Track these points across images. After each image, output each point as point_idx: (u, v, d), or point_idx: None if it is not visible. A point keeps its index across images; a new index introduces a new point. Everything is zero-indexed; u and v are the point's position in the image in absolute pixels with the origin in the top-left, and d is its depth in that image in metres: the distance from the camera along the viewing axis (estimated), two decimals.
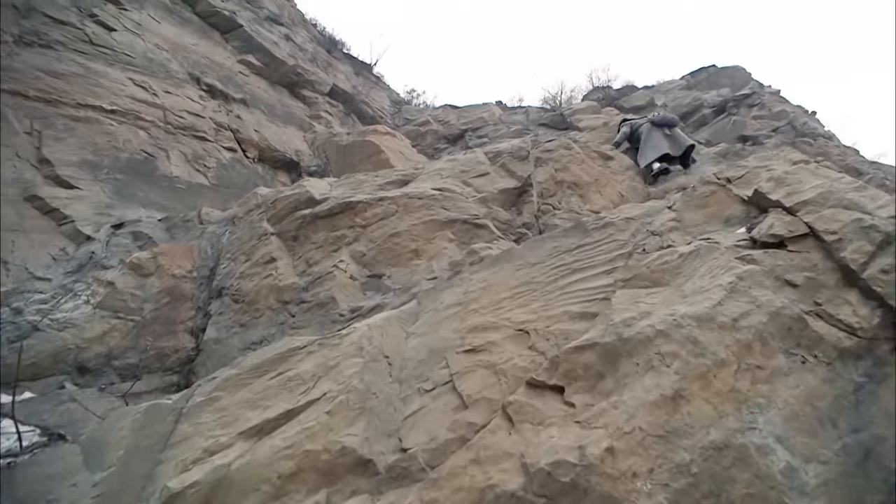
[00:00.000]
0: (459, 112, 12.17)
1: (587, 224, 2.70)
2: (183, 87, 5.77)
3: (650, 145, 5.20)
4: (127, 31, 5.65)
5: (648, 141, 5.27)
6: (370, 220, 3.46)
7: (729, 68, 15.35)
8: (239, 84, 7.11)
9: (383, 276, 3.21)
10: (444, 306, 2.46)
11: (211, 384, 1.96)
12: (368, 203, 3.52)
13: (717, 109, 12.54)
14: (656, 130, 5.39)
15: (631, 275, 2.32)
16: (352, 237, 3.41)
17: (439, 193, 3.73)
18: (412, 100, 14.04)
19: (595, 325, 2.08)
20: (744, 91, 12.80)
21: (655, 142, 5.23)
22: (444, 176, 4.18)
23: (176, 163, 4.95)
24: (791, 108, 12.30)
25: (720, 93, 13.20)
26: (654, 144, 5.19)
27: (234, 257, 3.55)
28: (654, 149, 5.14)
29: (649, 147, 5.19)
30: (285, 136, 7.17)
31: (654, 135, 5.33)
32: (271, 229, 3.59)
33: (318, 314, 2.99)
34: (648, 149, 5.20)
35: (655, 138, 5.27)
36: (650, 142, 5.25)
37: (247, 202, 3.91)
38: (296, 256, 3.46)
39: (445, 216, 3.57)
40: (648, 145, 5.22)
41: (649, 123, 5.52)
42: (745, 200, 2.84)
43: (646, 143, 5.28)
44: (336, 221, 3.50)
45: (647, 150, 5.19)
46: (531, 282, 2.45)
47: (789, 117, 12.00)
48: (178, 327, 3.19)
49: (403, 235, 3.37)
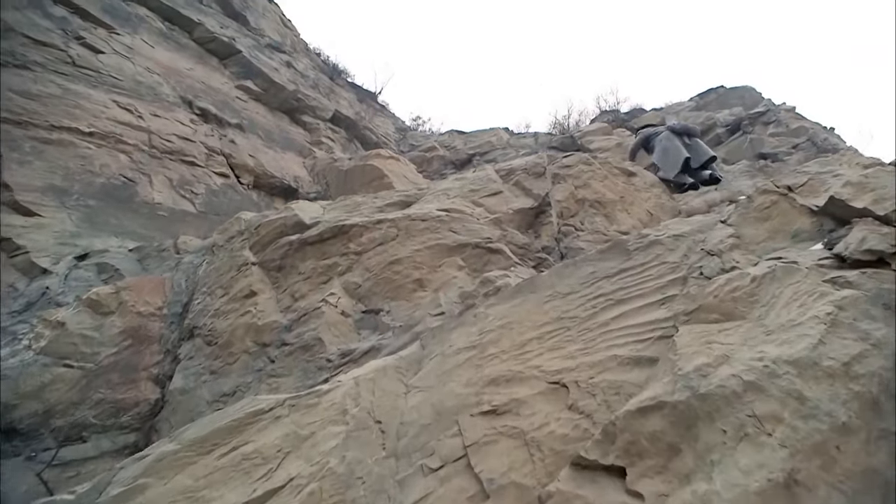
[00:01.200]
0: (466, 137, 11.88)
1: (628, 244, 2.20)
2: (173, 110, 5.45)
3: (670, 154, 4.76)
4: (116, 54, 5.38)
5: (668, 149, 4.83)
6: (366, 245, 2.98)
7: (738, 88, 15.09)
8: (235, 109, 6.82)
9: (381, 311, 2.71)
10: (453, 350, 1.94)
11: (137, 466, 1.44)
12: (364, 226, 3.05)
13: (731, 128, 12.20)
14: (676, 139, 4.96)
15: (695, 305, 1.80)
16: (345, 266, 2.93)
17: (446, 215, 3.26)
18: (418, 127, 13.82)
19: (657, 376, 1.55)
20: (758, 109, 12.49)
21: (675, 150, 4.79)
22: (451, 196, 3.72)
23: (159, 188, 4.56)
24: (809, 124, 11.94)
25: (733, 112, 12.87)
26: (674, 153, 4.76)
27: (210, 291, 3.07)
28: (675, 157, 4.69)
29: (669, 155, 4.75)
30: (283, 162, 6.81)
31: (674, 143, 4.89)
32: (253, 258, 3.12)
33: (302, 359, 2.48)
34: (668, 157, 4.76)
35: (675, 147, 4.83)
36: (670, 150, 4.81)
37: (228, 228, 3.46)
38: (280, 289, 2.97)
39: (454, 240, 3.09)
40: (669, 154, 4.78)
41: (668, 131, 5.10)
42: (815, 211, 2.32)
43: (665, 151, 4.84)
44: (327, 248, 3.03)
45: (666, 158, 4.75)
46: (564, 317, 1.94)
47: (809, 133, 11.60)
48: (139, 375, 2.69)
49: (405, 263, 2.88)
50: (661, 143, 4.88)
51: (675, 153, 4.73)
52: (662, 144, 4.85)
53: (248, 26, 9.25)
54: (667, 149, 4.83)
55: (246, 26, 9.19)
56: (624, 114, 13.71)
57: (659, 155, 4.81)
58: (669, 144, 4.89)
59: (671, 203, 4.50)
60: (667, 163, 4.72)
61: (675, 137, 5.02)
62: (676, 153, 4.72)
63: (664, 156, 4.76)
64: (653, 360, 1.69)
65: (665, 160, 4.75)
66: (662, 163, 4.77)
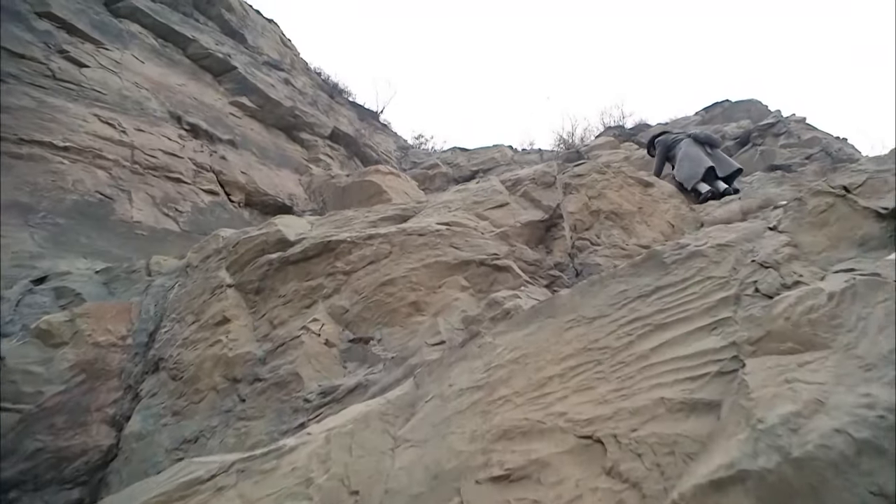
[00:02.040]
0: (469, 154, 11.63)
1: (664, 256, 1.82)
2: (160, 125, 5.18)
3: (692, 160, 4.43)
4: (102, 68, 5.15)
5: (690, 156, 4.50)
6: (355, 264, 2.62)
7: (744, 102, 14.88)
8: (228, 125, 6.56)
9: (371, 340, 2.33)
10: (454, 392, 1.56)
11: None
12: (353, 243, 2.70)
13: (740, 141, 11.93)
14: (697, 147, 4.64)
15: (761, 332, 1.41)
16: (331, 288, 2.56)
17: (447, 229, 2.90)
18: (420, 145, 13.61)
19: (726, 430, 1.17)
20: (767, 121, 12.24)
21: (697, 158, 4.46)
22: (452, 209, 3.37)
23: (139, 206, 4.24)
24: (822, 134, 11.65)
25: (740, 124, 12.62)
26: (696, 160, 4.42)
27: (180, 317, 2.71)
28: (696, 164, 4.36)
29: (691, 162, 4.41)
30: (278, 179, 6.52)
31: (695, 150, 4.57)
32: (229, 280, 2.76)
33: (276, 398, 2.09)
34: (689, 164, 4.42)
35: (697, 154, 4.51)
36: (692, 157, 4.48)
37: (204, 247, 3.11)
38: (257, 315, 2.60)
39: (455, 257, 2.72)
40: (690, 160, 4.44)
41: (690, 139, 4.77)
42: (884, 214, 1.95)
43: (685, 158, 4.51)
44: (311, 267, 2.67)
45: (688, 165, 4.41)
46: (592, 348, 1.56)
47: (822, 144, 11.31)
48: (91, 417, 2.31)
49: (399, 284, 2.51)
50: (682, 149, 4.56)
51: (697, 160, 4.40)
52: (684, 150, 4.53)
53: (245, 44, 9.12)
54: (689, 155, 4.50)
55: (243, 44, 9.06)
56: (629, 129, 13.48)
57: (679, 161, 4.48)
58: (692, 151, 4.58)
59: (692, 214, 4.12)
60: (686, 170, 4.38)
61: (696, 145, 4.71)
62: (698, 160, 4.40)
63: (684, 162, 4.43)
64: (712, 404, 1.30)
65: (684, 167, 4.41)
66: (680, 169, 4.43)
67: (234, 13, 9.79)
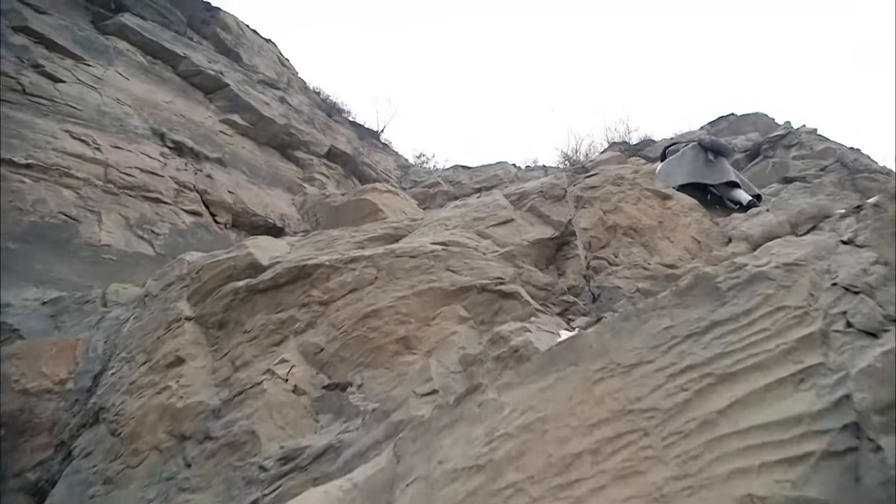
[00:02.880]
0: (472, 172, 11.30)
1: (716, 280, 1.40)
2: (139, 142, 4.86)
3: (672, 166, 4.14)
4: (80, 83, 4.87)
5: (681, 160, 4.18)
6: (334, 292, 2.22)
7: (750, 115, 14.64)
8: (218, 143, 6.26)
9: (349, 386, 1.91)
10: (445, 472, 1.14)
11: None
12: (333, 267, 2.30)
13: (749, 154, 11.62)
14: (696, 152, 4.30)
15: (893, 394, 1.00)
16: (304, 321, 2.16)
17: (443, 249, 2.50)
18: (422, 164, 13.32)
19: None
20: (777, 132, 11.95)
21: (681, 168, 4.14)
22: (450, 226, 2.99)
23: (109, 228, 3.88)
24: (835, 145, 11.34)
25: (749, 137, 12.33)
26: (677, 169, 4.11)
27: (131, 356, 2.30)
28: (676, 172, 4.06)
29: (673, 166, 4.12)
30: (269, 199, 6.18)
31: (691, 156, 4.22)
32: (189, 312, 2.36)
33: (228, 464, 1.66)
34: (670, 168, 4.14)
35: (686, 163, 4.17)
36: (681, 163, 4.16)
37: (167, 273, 2.73)
38: (218, 354, 2.19)
39: (453, 282, 2.31)
40: (675, 164, 4.14)
41: (696, 144, 4.44)
42: None
43: (677, 161, 4.20)
44: (282, 297, 2.26)
45: (668, 168, 4.14)
46: (634, 409, 1.15)
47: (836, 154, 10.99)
48: (7, 485, 1.88)
49: (386, 315, 2.10)
50: (683, 151, 4.23)
51: (678, 170, 4.09)
52: (678, 155, 4.20)
53: (240, 63, 8.92)
54: (679, 161, 4.17)
55: (238, 62, 8.85)
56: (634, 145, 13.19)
57: (675, 159, 4.15)
58: (684, 157, 4.25)
59: (717, 228, 3.70)
60: (665, 171, 4.08)
61: (699, 152, 4.36)
62: (679, 170, 4.08)
63: (671, 164, 4.11)
64: None
65: (665, 168, 4.09)
66: (664, 169, 4.12)
67: (230, 32, 9.63)
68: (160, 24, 7.53)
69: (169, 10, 8.32)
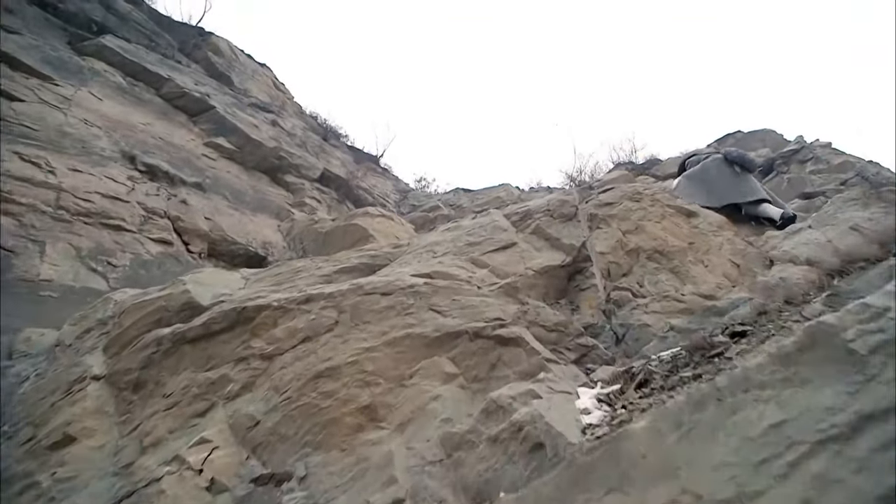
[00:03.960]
0: (473, 195, 10.88)
1: (844, 335, 0.86)
2: (105, 165, 4.43)
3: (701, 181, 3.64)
4: (42, 103, 4.49)
5: (704, 176, 3.70)
6: (281, 343, 1.69)
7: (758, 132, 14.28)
8: (199, 167, 5.85)
9: (288, 478, 1.36)
10: None
11: None
12: (283, 308, 1.78)
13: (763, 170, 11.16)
14: (720, 165, 3.81)
15: None
16: (239, 382, 1.62)
17: (426, 283, 1.98)
18: (423, 188, 12.92)
19: None
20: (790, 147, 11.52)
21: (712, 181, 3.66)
22: (438, 253, 2.47)
23: (55, 260, 3.40)
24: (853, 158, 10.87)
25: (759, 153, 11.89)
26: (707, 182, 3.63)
27: (15, 430, 1.77)
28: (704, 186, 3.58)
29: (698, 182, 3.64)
30: (252, 226, 5.71)
31: (715, 171, 3.74)
32: (98, 369, 1.84)
33: None
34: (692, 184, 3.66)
35: (713, 177, 3.69)
36: (705, 179, 3.68)
37: (88, 316, 2.22)
38: (126, 427, 1.66)
39: (437, 326, 1.78)
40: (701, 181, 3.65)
41: (721, 157, 3.97)
42: None
43: (700, 176, 3.72)
44: (216, 348, 1.74)
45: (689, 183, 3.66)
46: None
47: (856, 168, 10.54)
48: None
49: (345, 374, 1.57)
50: (704, 164, 3.74)
51: (710, 182, 3.60)
52: (708, 165, 3.71)
53: (231, 86, 8.63)
54: (716, 175, 3.67)
55: (229, 86, 8.57)
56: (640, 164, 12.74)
57: (699, 176, 3.66)
58: (721, 172, 3.76)
59: (754, 249, 3.15)
60: (685, 186, 3.58)
61: (722, 164, 3.88)
62: (710, 183, 3.59)
63: (693, 178, 3.62)
64: None
65: (705, 185, 3.58)
66: (684, 183, 3.63)
67: (223, 56, 9.41)
68: (146, 46, 7.26)
69: (157, 33, 8.10)
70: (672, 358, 1.79)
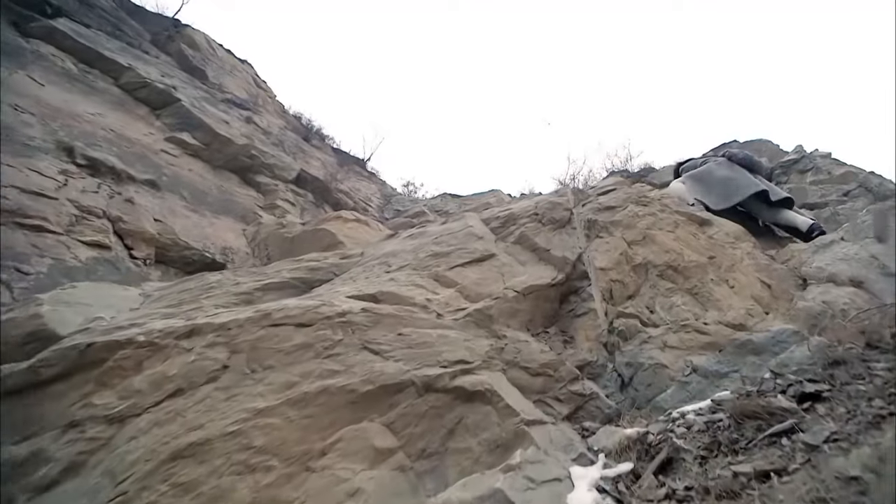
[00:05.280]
0: (461, 200, 10.34)
1: None
2: (32, 156, 3.85)
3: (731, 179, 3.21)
4: None
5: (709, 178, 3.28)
6: (139, 398, 1.14)
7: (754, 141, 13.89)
8: (155, 163, 5.26)
9: None
10: None
11: None
12: (153, 344, 1.22)
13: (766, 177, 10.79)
14: (726, 165, 3.41)
15: None
16: (62, 461, 1.06)
17: (364, 312, 1.44)
18: (410, 193, 12.37)
19: None
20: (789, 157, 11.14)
21: (741, 177, 3.25)
22: (393, 267, 1.92)
23: None
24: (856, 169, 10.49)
25: None
26: (740, 179, 3.21)
27: None
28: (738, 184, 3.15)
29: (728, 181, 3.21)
30: (211, 229, 5.13)
31: (737, 170, 3.34)
32: None
33: None
34: (723, 183, 3.23)
35: (740, 174, 3.28)
36: (731, 176, 3.26)
37: None
38: None
39: (369, 375, 1.24)
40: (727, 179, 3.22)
41: (725, 159, 3.55)
42: None
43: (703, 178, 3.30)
44: (43, 406, 1.18)
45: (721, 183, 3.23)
46: None
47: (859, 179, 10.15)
48: None
49: (219, 453, 1.02)
50: (709, 166, 3.29)
51: (742, 180, 3.15)
52: (713, 167, 3.26)
53: (205, 80, 8.06)
54: (725, 174, 3.24)
55: (202, 80, 8.00)
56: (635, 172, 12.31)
57: (705, 177, 3.21)
58: (731, 171, 3.33)
59: (780, 265, 2.63)
60: (719, 188, 3.11)
61: (734, 166, 3.46)
62: (743, 180, 3.15)
63: (721, 182, 3.16)
64: None
65: (714, 185, 3.13)
66: (698, 185, 3.17)
67: (199, 49, 8.86)
68: (110, 34, 6.71)
69: (122, 19, 7.54)
70: (707, 426, 1.25)
